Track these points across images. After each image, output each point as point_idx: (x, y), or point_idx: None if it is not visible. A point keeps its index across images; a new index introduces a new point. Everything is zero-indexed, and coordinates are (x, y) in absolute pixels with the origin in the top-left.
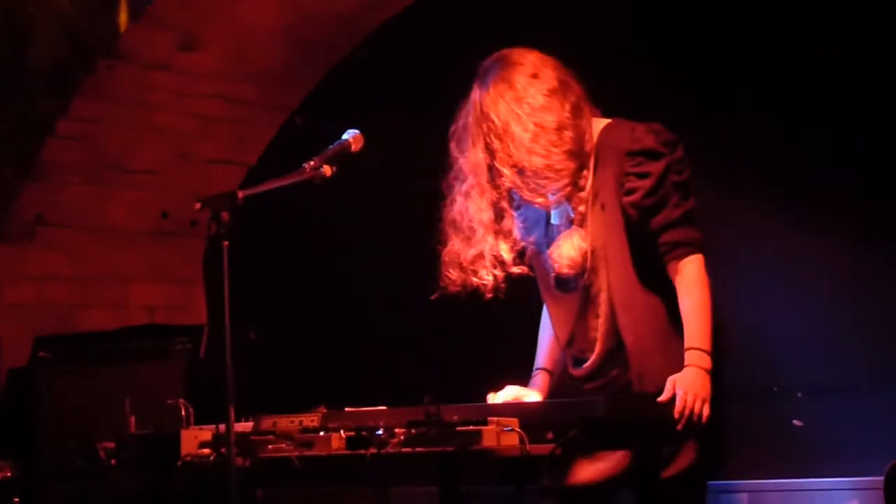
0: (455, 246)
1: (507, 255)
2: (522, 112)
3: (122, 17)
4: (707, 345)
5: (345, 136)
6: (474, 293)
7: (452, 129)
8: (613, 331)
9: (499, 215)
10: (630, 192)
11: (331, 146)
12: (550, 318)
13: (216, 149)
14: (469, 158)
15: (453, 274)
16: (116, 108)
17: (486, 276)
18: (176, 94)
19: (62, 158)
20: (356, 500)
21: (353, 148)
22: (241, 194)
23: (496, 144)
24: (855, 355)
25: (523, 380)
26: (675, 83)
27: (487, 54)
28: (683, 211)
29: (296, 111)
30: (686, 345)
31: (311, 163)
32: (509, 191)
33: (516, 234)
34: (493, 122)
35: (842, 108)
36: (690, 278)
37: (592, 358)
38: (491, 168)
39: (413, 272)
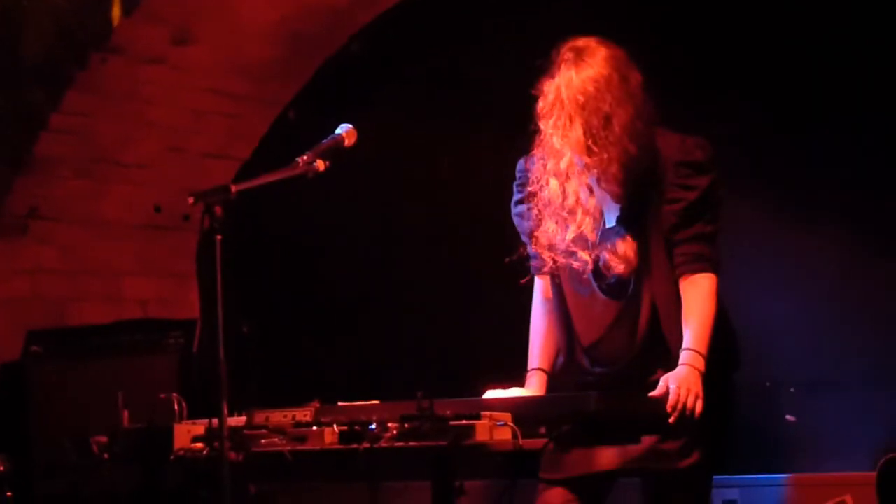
0: (550, 228)
1: (592, 237)
2: (624, 98)
3: (116, 11)
4: (703, 349)
5: (338, 131)
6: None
7: (541, 105)
8: (651, 341)
9: (590, 195)
10: (673, 201)
11: (324, 141)
12: (575, 321)
13: (209, 143)
14: (567, 136)
15: (548, 256)
16: (109, 102)
17: (585, 258)
18: (169, 89)
19: (55, 152)
20: (349, 495)
21: (347, 142)
22: (234, 188)
23: (596, 124)
24: (847, 351)
25: (516, 375)
26: (671, 78)
27: (480, 49)
28: (713, 229)
29: (289, 105)
30: (683, 345)
31: (305, 157)
32: (593, 174)
33: (598, 216)
34: (596, 102)
35: (835, 103)
36: (701, 291)
37: (625, 364)
38: (587, 148)
39: (405, 267)
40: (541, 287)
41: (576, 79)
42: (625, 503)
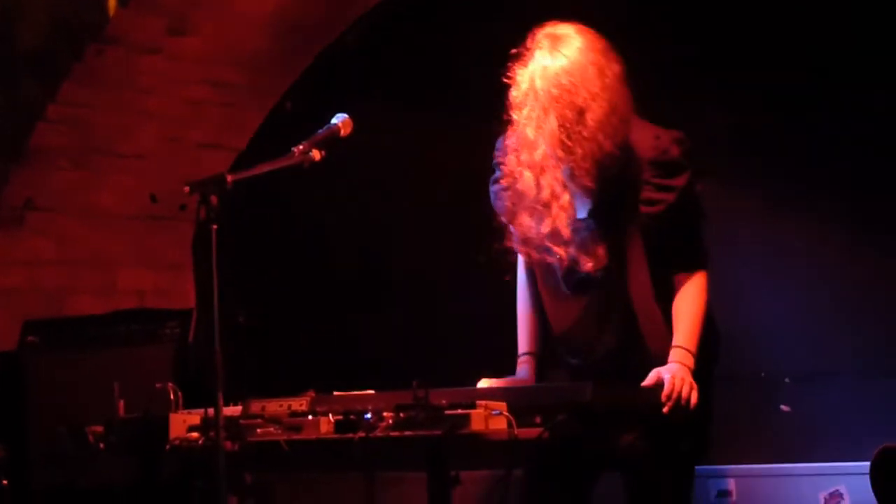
0: (524, 221)
1: (566, 233)
2: (600, 90)
3: (112, 2)
4: (693, 347)
5: (334, 121)
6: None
7: (514, 94)
8: (624, 334)
9: (563, 189)
10: (651, 202)
11: (320, 130)
12: (548, 311)
13: (206, 133)
14: (542, 129)
15: (522, 250)
16: (106, 92)
17: (560, 252)
18: (165, 79)
19: (51, 143)
20: (345, 485)
21: (343, 132)
22: (230, 178)
23: (571, 117)
24: (842, 341)
25: (512, 365)
26: (667, 71)
27: (479, 38)
28: (699, 224)
29: (285, 96)
30: (673, 342)
31: (300, 147)
32: (566, 167)
33: (571, 212)
34: (569, 92)
35: (833, 96)
36: (692, 289)
37: (599, 357)
38: (561, 141)
39: (401, 256)
40: (522, 270)
41: (550, 69)
42: (609, 495)
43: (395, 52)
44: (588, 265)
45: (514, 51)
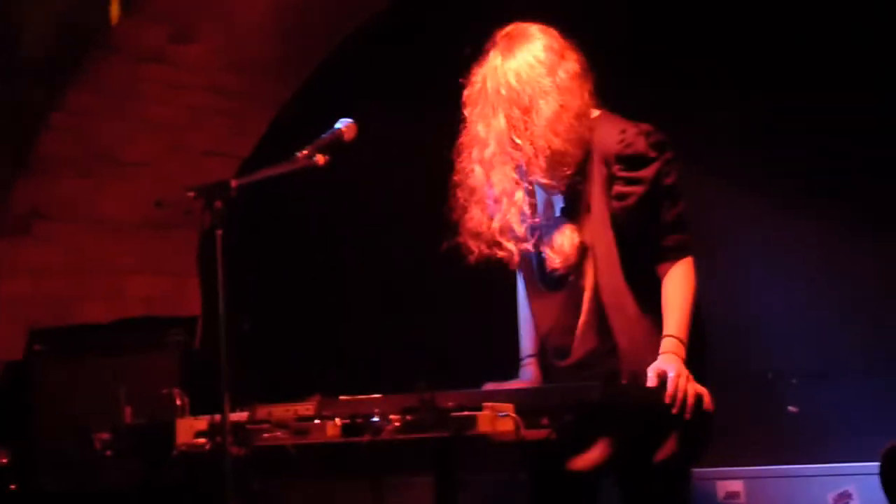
0: (475, 215)
1: (519, 230)
2: (549, 89)
3: (115, 10)
4: (684, 335)
5: (338, 125)
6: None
7: (467, 93)
8: (597, 329)
9: (515, 187)
10: (621, 196)
11: (324, 135)
12: (532, 309)
13: (209, 141)
14: (492, 125)
15: (473, 244)
16: (109, 100)
17: (511, 248)
18: (169, 86)
19: (56, 151)
20: (352, 491)
21: (346, 137)
22: (234, 183)
23: (517, 115)
24: (850, 341)
25: (517, 367)
26: (671, 69)
27: (479, 42)
28: (675, 215)
29: (289, 103)
30: (664, 332)
31: (304, 151)
32: (519, 166)
33: (527, 209)
34: (517, 92)
35: (840, 92)
36: (678, 277)
37: (574, 353)
38: (510, 139)
39: (406, 261)
40: (520, 274)
41: (500, 69)
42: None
43: (398, 58)
44: (555, 262)
45: (467, 51)
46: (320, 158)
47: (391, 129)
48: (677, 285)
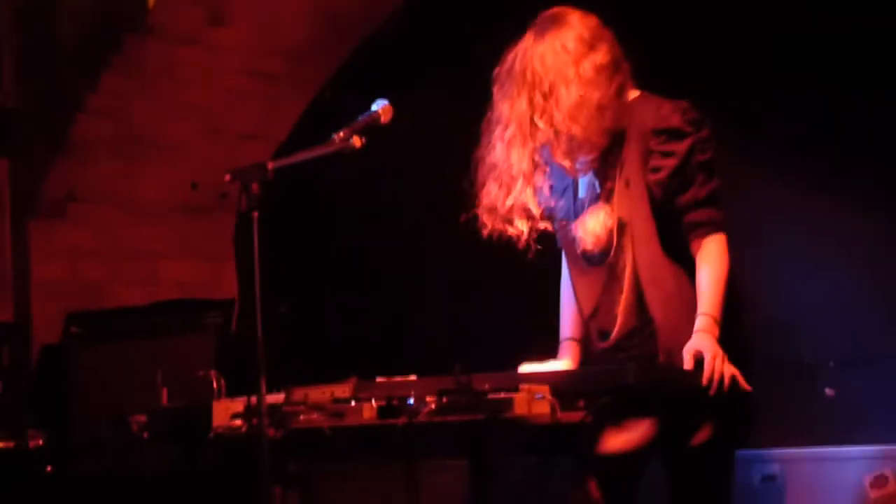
0: (492, 191)
1: (535, 209)
2: (572, 78)
3: None
4: (718, 314)
5: (374, 107)
6: (508, 242)
7: (497, 70)
8: (637, 307)
9: (534, 168)
10: (655, 170)
11: (360, 117)
12: (574, 289)
13: (245, 124)
14: (514, 106)
15: (487, 219)
16: (145, 83)
17: (522, 227)
18: (205, 70)
19: (92, 135)
20: (387, 475)
21: (383, 119)
22: (270, 166)
23: (539, 100)
24: (886, 324)
25: (554, 348)
26: (705, 52)
27: (516, 26)
28: (708, 191)
29: (325, 86)
30: (699, 310)
31: (341, 134)
32: (542, 147)
33: (545, 191)
34: (540, 77)
35: (873, 74)
36: (711, 254)
37: (615, 333)
38: (531, 121)
39: (442, 244)
40: (564, 256)
41: (529, 51)
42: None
43: (438, 41)
44: (587, 243)
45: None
46: (357, 141)
47: (428, 112)
48: (711, 262)
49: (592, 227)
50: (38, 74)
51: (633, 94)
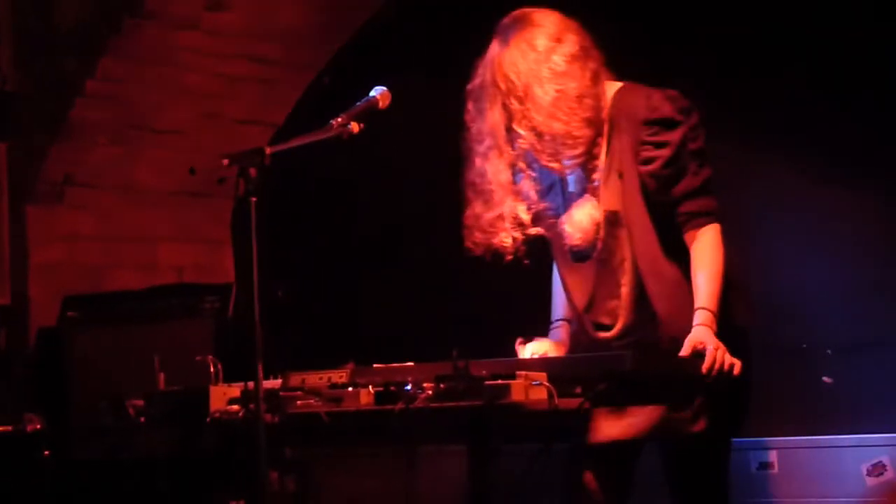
0: (476, 209)
1: (524, 217)
2: (544, 75)
3: None
4: (715, 307)
5: (372, 93)
6: (496, 255)
7: (470, 87)
8: (640, 300)
9: (516, 176)
10: (648, 161)
11: (358, 103)
12: (565, 285)
13: (243, 109)
14: (487, 119)
15: (476, 237)
16: (144, 68)
17: (506, 238)
18: (203, 54)
19: (90, 119)
20: (384, 461)
21: (381, 105)
22: (268, 151)
23: (515, 105)
24: (884, 311)
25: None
26: (703, 37)
27: (514, 9)
28: (702, 179)
29: (323, 71)
30: (696, 304)
31: (339, 119)
32: (525, 153)
33: (532, 196)
34: (513, 83)
35: (875, 63)
36: (706, 245)
37: (619, 326)
38: (508, 129)
39: (440, 230)
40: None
41: (497, 59)
42: (647, 467)
43: (436, 27)
44: (575, 238)
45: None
46: (355, 126)
47: (427, 98)
48: (707, 254)
49: (579, 219)
50: (36, 58)
51: (616, 84)
